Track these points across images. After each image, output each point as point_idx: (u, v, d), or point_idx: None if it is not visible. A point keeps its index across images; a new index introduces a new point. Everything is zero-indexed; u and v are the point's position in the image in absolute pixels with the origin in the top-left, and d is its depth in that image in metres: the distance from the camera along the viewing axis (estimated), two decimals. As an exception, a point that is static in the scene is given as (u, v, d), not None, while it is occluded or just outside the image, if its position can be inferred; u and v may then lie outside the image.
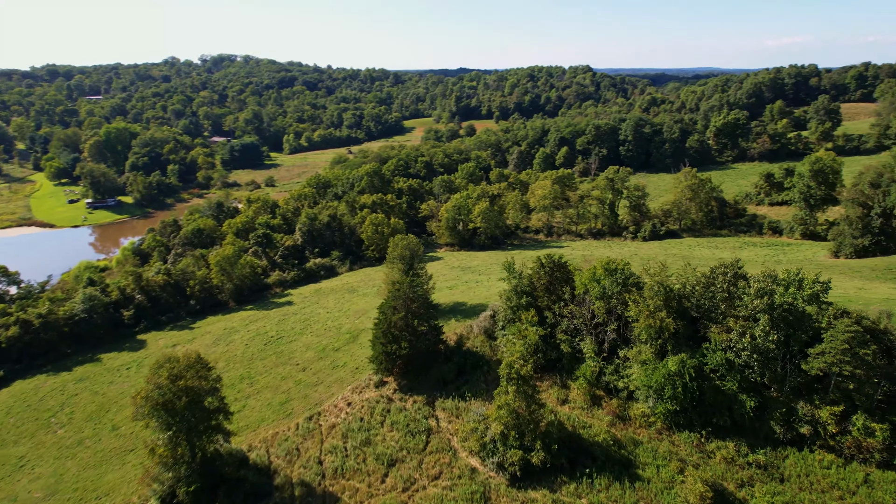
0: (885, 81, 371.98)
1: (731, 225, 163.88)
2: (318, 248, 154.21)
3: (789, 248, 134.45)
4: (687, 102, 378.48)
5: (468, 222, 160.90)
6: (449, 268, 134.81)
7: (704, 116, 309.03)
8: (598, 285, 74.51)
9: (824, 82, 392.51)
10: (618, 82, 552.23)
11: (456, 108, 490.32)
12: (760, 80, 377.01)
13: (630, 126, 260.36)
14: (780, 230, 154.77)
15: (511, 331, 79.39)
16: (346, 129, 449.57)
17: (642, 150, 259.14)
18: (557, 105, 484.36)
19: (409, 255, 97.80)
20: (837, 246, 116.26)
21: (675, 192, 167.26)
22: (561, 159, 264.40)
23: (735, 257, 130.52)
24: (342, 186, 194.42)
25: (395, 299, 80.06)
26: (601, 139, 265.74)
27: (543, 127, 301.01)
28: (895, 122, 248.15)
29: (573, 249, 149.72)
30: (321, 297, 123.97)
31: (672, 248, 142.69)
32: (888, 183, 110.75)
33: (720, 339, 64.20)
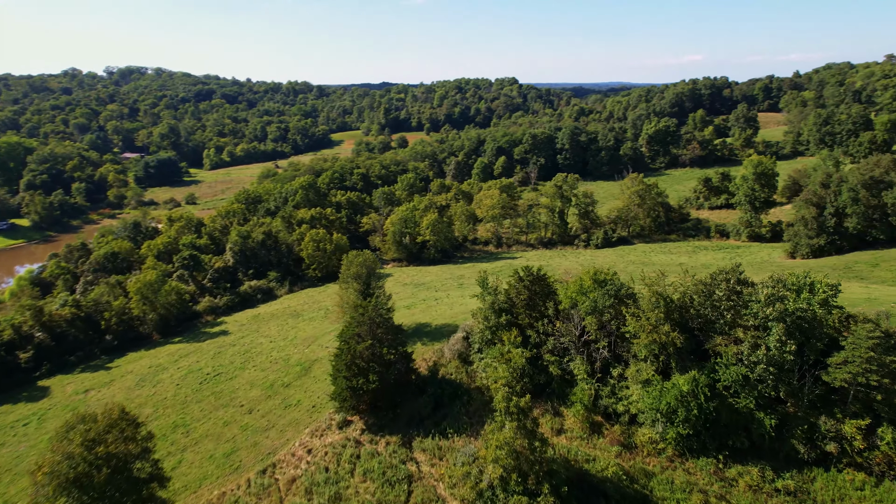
0: (788, 93, 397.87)
1: (678, 230, 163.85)
2: (253, 268, 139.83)
3: (743, 251, 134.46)
4: (615, 112, 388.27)
5: (416, 235, 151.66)
6: (401, 285, 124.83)
7: (633, 125, 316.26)
8: (588, 299, 67.36)
9: (736, 93, 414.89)
10: (543, 94, 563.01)
11: (385, 121, 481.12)
12: (680, 90, 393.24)
13: (566, 135, 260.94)
14: (726, 233, 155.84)
15: (491, 354, 70.76)
16: (271, 142, 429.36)
17: (579, 158, 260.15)
18: (487, 116, 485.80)
19: (366, 274, 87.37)
20: (794, 246, 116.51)
21: (622, 199, 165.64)
22: (499, 169, 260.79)
23: (695, 262, 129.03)
24: (275, 201, 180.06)
25: (359, 325, 69.55)
26: (538, 148, 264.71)
27: (479, 137, 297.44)
28: (805, 129, 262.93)
29: (528, 260, 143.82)
30: (261, 323, 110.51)
31: (628, 255, 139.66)
32: (837, 183, 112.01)
33: (732, 353, 58.35)
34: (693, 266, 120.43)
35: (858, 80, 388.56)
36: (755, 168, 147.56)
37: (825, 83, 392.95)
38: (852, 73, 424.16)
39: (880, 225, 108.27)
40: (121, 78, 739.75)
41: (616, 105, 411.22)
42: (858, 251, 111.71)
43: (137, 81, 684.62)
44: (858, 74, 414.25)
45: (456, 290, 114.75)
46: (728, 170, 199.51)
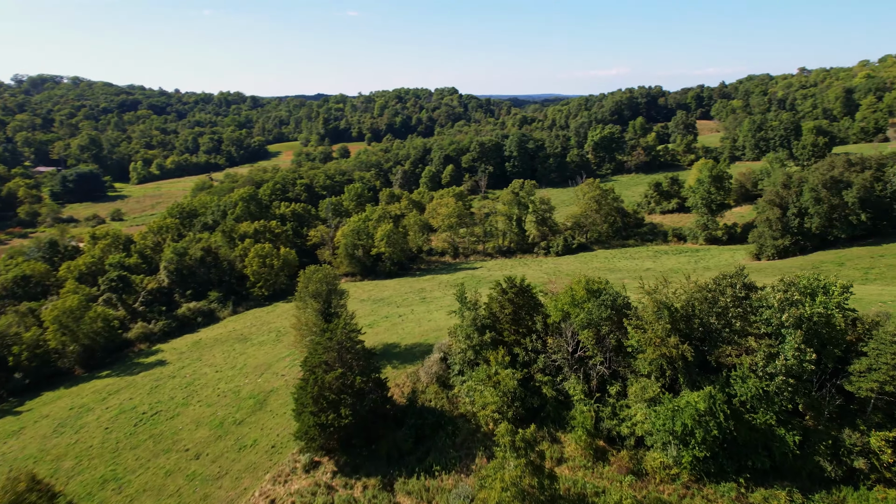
0: (719, 101, 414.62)
1: (635, 234, 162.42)
2: (192, 289, 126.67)
3: (704, 254, 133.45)
4: (557, 120, 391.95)
5: (370, 247, 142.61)
6: (358, 301, 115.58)
7: (576, 132, 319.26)
8: (582, 311, 61.22)
9: (670, 102, 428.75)
10: (484, 103, 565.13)
11: (325, 131, 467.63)
12: (618, 98, 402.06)
13: (514, 142, 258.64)
14: (683, 237, 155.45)
15: (476, 376, 63.45)
16: (204, 154, 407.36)
17: (527, 165, 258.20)
18: (430, 126, 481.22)
19: (327, 291, 78.15)
20: (759, 248, 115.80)
21: (579, 205, 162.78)
22: (447, 177, 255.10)
23: (661, 266, 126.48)
24: (213, 215, 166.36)
25: (326, 351, 60.54)
26: (486, 156, 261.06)
27: (425, 145, 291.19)
28: (740, 135, 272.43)
29: (489, 270, 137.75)
30: (204, 350, 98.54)
31: (592, 262, 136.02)
32: (798, 184, 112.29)
33: (747, 365, 53.40)
34: (661, 270, 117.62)
35: (780, 90, 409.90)
36: (710, 171, 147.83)
37: (750, 93, 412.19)
38: (773, 84, 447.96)
39: (841, 224, 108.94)
40: (32, 87, 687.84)
41: (557, 114, 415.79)
42: (821, 251, 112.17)
43: (52, 91, 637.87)
44: (778, 85, 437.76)
45: (419, 304, 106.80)
46: (676, 174, 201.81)
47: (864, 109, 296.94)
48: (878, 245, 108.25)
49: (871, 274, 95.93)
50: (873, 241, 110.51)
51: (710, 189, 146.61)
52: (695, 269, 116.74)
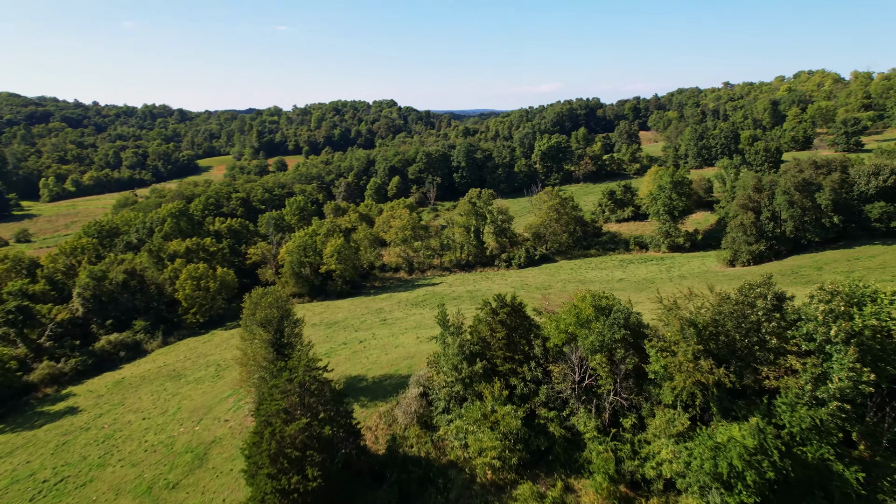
0: (655, 112, 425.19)
1: (595, 244, 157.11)
2: (113, 318, 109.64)
3: (672, 261, 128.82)
4: (500, 131, 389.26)
5: (318, 265, 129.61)
6: (310, 326, 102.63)
7: (521, 143, 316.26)
8: (591, 332, 52.18)
9: (608, 113, 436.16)
10: (424, 116, 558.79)
11: (259, 144, 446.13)
12: (559, 110, 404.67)
13: (462, 152, 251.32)
14: (645, 245, 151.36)
15: (469, 415, 52.97)
16: (128, 169, 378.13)
17: (476, 176, 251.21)
18: (369, 138, 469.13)
19: (278, 318, 65.68)
20: (733, 254, 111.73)
21: (538, 214, 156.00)
22: (394, 189, 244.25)
23: (633, 276, 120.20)
24: (138, 233, 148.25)
25: (285, 395, 48.48)
26: (433, 167, 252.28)
27: (369, 157, 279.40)
28: (682, 144, 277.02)
29: (450, 285, 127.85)
30: (127, 392, 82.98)
31: (559, 273, 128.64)
32: (769, 187, 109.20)
33: (794, 390, 45.65)
34: (634, 280, 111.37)
35: (710, 102, 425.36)
36: (671, 177, 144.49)
37: (684, 104, 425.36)
38: (703, 97, 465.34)
39: (813, 227, 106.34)
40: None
41: (499, 125, 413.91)
42: (795, 255, 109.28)
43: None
44: (708, 97, 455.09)
45: (381, 327, 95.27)
46: (628, 182, 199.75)
47: (790, 120, 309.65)
48: (849, 248, 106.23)
49: (852, 277, 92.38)
50: (844, 244, 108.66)
51: (672, 195, 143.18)
52: (669, 277, 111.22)
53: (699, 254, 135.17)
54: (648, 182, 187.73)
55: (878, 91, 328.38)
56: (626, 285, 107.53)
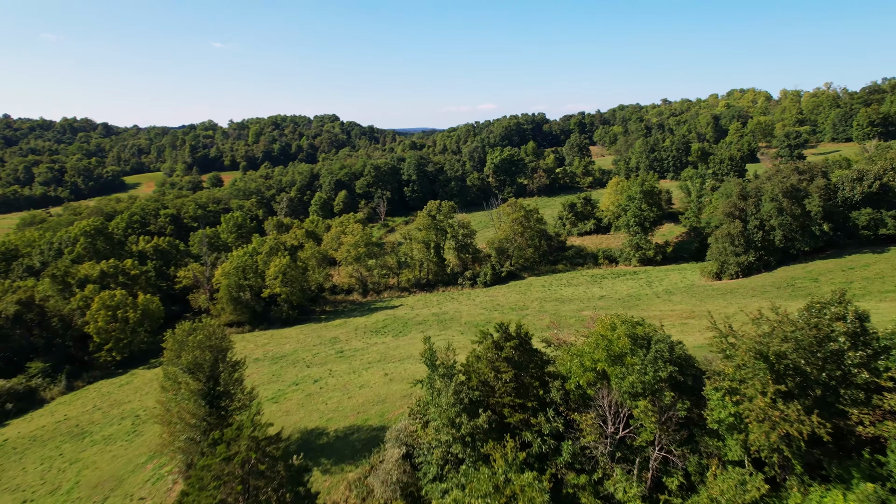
0: (600, 127, 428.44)
1: (562, 259, 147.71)
2: (1, 358, 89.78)
3: (648, 275, 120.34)
4: (448, 146, 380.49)
5: (260, 288, 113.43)
6: (251, 361, 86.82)
7: (470, 157, 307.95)
8: (631, 371, 40.36)
9: (554, 128, 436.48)
10: (367, 131, 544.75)
11: (193, 160, 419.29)
12: (507, 124, 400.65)
13: (412, 165, 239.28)
14: (614, 259, 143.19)
15: (475, 488, 39.68)
16: (41, 186, 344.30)
17: (427, 190, 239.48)
18: (311, 153, 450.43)
19: (212, 361, 50.57)
20: (720, 266, 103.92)
21: (501, 228, 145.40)
22: (340, 205, 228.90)
23: (613, 292, 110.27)
24: (42, 255, 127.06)
25: (221, 481, 33.85)
26: (383, 180, 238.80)
27: (313, 171, 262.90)
28: (633, 157, 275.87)
29: (412, 308, 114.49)
30: (8, 461, 64.57)
31: (531, 291, 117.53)
32: (755, 194, 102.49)
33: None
34: (617, 298, 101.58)
35: (653, 117, 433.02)
36: (641, 186, 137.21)
37: (627, 119, 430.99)
38: (644, 112, 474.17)
39: (803, 236, 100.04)
40: None
41: (447, 139, 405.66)
42: (785, 266, 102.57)
43: None
44: (650, 113, 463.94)
45: (338, 361, 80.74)
46: (587, 194, 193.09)
47: (732, 134, 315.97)
48: (840, 257, 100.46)
49: (853, 288, 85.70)
50: (833, 254, 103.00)
51: (643, 206, 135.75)
52: (655, 293, 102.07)
53: (674, 267, 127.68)
54: (610, 194, 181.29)
55: (808, 108, 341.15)
56: (610, 303, 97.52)
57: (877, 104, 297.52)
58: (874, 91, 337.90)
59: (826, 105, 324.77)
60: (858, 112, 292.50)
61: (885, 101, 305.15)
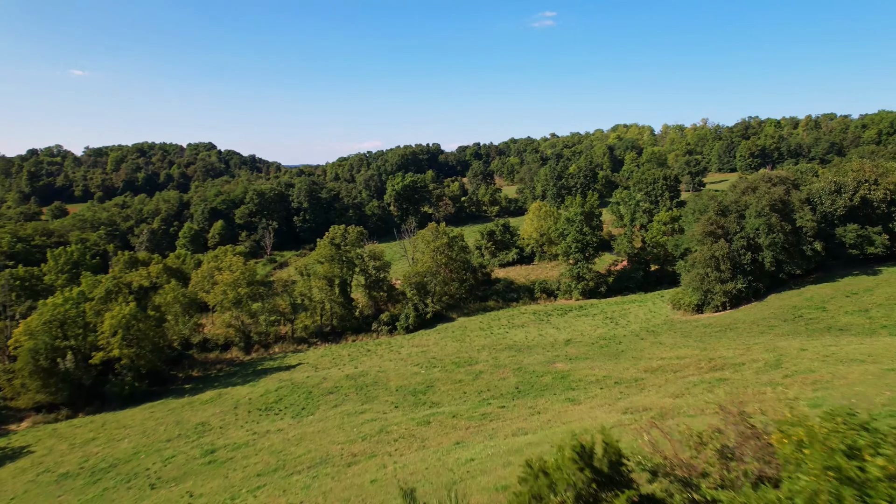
0: (497, 158, 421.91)
1: (492, 294, 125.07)
2: None
3: (602, 310, 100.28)
4: (340, 174, 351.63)
5: (89, 350, 78.28)
6: (55, 478, 53.23)
7: (366, 185, 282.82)
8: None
9: (450, 159, 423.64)
10: (249, 160, 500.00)
11: (31, 189, 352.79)
12: (403, 153, 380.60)
13: (303, 190, 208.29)
14: (552, 292, 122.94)
15: None
16: None
17: (322, 219, 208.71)
18: (183, 183, 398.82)
19: None
20: (702, 296, 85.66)
21: (422, 259, 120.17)
22: (216, 237, 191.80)
23: (576, 335, 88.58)
24: None
25: None
26: (268, 209, 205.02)
27: (182, 199, 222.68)
28: (538, 184, 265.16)
29: (316, 368, 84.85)
30: None
31: (470, 337, 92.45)
32: (736, 209, 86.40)
33: None
34: (590, 343, 79.60)
35: (547, 149, 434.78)
36: (581, 207, 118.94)
37: (522, 150, 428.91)
38: (537, 144, 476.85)
39: (792, 257, 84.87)
40: None
41: (338, 168, 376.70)
42: (775, 293, 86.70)
43: None
44: (543, 145, 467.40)
45: (205, 474, 49.89)
46: (505, 220, 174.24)
47: (628, 163, 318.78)
48: (831, 280, 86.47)
49: (875, 318, 70.03)
50: (821, 277, 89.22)
51: (584, 229, 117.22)
52: (635, 334, 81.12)
53: (626, 299, 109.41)
54: (531, 220, 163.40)
55: (693, 140, 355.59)
56: (585, 349, 75.09)
57: (755, 137, 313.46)
58: (747, 126, 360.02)
59: (710, 138, 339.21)
60: (740, 144, 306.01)
61: (760, 135, 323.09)
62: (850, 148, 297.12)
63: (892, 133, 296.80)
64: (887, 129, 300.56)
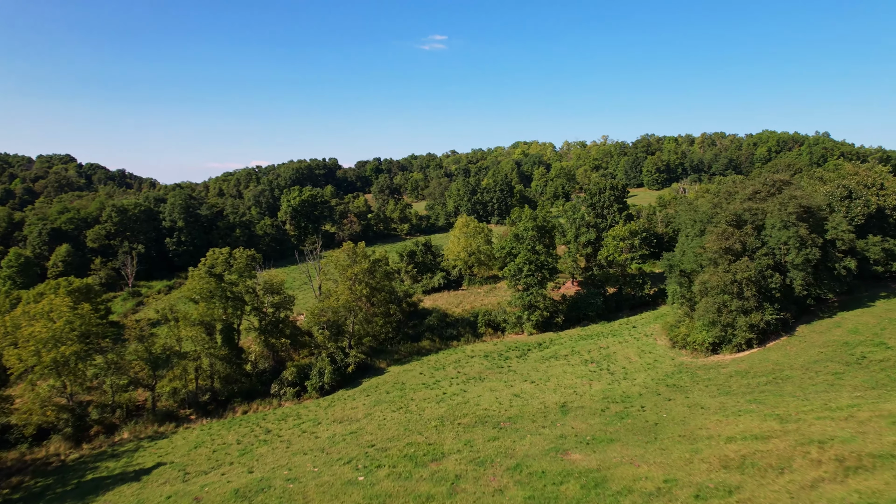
0: (399, 174, 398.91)
1: (426, 330, 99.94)
2: None
3: (580, 351, 78.42)
4: (225, 190, 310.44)
5: None
6: None
7: (256, 202, 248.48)
8: None
9: (349, 174, 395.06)
10: (117, 175, 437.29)
11: None
12: (297, 167, 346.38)
13: (178, 206, 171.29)
14: (499, 326, 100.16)
15: None
16: None
17: (202, 240, 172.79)
18: (28, 200, 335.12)
19: None
20: (721, 332, 65.89)
21: (337, 290, 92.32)
22: (60, 265, 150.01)
23: (515, 389, 64.24)
24: None
25: None
26: (133, 229, 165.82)
27: (12, 217, 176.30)
28: (451, 201, 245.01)
29: (185, 471, 54.75)
30: None
31: (416, 402, 66.09)
32: (752, 218, 68.13)
33: None
34: (588, 406, 56.86)
35: (451, 165, 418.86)
36: (533, 219, 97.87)
37: (426, 166, 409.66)
38: (440, 161, 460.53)
39: (823, 278, 67.97)
40: None
41: (222, 184, 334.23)
42: (805, 323, 68.93)
43: None
44: (447, 161, 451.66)
45: None
46: (427, 239, 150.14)
47: (537, 179, 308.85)
48: (863, 305, 70.65)
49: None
50: (847, 300, 73.29)
51: (538, 247, 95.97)
52: (646, 386, 59.29)
53: (596, 330, 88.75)
54: (458, 238, 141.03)
55: (598, 156, 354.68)
56: (604, 425, 51.92)
57: (659, 153, 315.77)
58: (648, 144, 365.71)
59: (615, 153, 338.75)
60: (646, 160, 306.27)
61: (664, 151, 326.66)
62: (746, 164, 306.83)
63: (779, 150, 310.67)
64: (775, 147, 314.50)
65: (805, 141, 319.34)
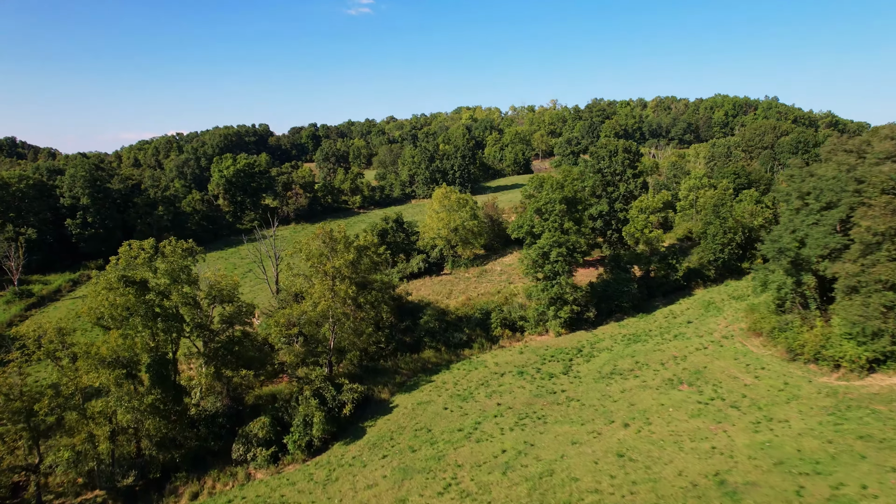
0: (340, 140, 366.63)
1: (425, 335, 77.33)
2: None
3: (649, 363, 58.53)
4: (141, 160, 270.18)
5: None
6: None
7: (180, 173, 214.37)
8: None
9: (283, 142, 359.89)
10: (5, 144, 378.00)
11: None
12: (225, 133, 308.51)
13: (81, 179, 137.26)
14: (516, 326, 79.22)
15: None
16: None
17: (114, 221, 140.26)
18: None
19: None
20: (885, 346, 46.92)
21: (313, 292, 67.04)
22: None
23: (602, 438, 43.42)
24: None
25: None
26: (17, 208, 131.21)
27: None
28: (405, 170, 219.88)
29: None
30: None
31: (463, 466, 43.97)
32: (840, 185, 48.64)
33: None
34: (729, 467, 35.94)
35: (394, 131, 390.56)
36: (561, 185, 76.57)
37: (367, 132, 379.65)
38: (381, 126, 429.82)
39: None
40: None
41: (138, 153, 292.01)
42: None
43: None
44: (389, 126, 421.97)
45: None
46: (398, 212, 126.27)
47: (491, 145, 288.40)
48: None
49: None
50: None
51: (566, 223, 75.02)
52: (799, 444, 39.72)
53: (643, 328, 68.97)
54: (437, 211, 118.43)
55: (552, 120, 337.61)
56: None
57: (617, 117, 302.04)
58: (602, 108, 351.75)
59: (569, 118, 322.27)
60: (603, 124, 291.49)
61: (619, 115, 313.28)
62: (704, 129, 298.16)
63: (735, 115, 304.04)
64: (731, 111, 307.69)
65: (758, 105, 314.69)
